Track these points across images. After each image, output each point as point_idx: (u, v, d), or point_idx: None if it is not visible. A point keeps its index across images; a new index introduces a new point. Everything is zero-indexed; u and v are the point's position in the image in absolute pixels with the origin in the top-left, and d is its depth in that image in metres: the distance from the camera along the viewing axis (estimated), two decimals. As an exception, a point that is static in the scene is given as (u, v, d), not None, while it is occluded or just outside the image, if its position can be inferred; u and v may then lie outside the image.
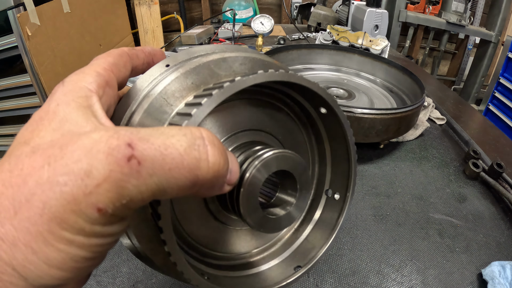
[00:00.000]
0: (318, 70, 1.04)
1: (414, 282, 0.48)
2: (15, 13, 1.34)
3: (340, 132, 0.31)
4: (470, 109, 1.09)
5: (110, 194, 0.14)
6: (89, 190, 0.14)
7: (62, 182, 0.14)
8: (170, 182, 0.16)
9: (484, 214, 0.61)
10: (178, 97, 0.23)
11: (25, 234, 0.14)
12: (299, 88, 0.28)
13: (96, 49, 1.99)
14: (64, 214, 0.14)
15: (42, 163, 0.15)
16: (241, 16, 2.34)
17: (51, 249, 0.15)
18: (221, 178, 0.18)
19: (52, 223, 0.14)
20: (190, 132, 0.17)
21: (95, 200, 0.14)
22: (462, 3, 2.39)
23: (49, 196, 0.14)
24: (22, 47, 1.41)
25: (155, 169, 0.15)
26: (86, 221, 0.15)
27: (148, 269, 0.48)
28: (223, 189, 0.20)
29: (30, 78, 1.49)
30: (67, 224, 0.15)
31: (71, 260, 0.15)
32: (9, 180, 0.15)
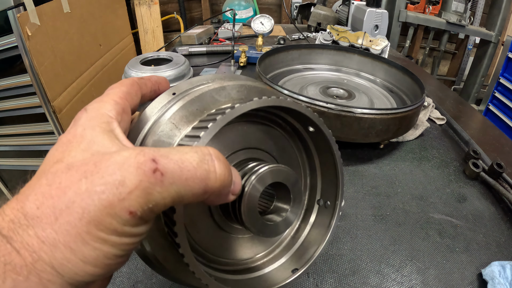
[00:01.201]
0: (318, 70, 1.04)
1: (414, 282, 0.48)
2: (15, 13, 1.34)
3: (327, 147, 0.34)
4: (470, 109, 1.09)
5: (139, 199, 0.18)
6: (123, 196, 0.18)
7: (100, 191, 0.18)
8: (186, 189, 0.19)
9: (484, 214, 0.61)
10: (186, 122, 0.27)
11: (65, 236, 0.17)
12: (290, 111, 0.32)
13: (96, 49, 1.99)
14: (101, 217, 0.17)
15: (79, 177, 0.18)
16: (241, 16, 2.34)
17: (88, 248, 0.18)
18: (226, 188, 0.22)
19: (90, 225, 0.17)
20: (200, 150, 0.21)
21: (128, 204, 0.18)
22: (462, 3, 2.39)
23: (88, 203, 0.17)
24: (22, 47, 1.41)
25: (175, 179, 0.19)
26: (119, 222, 0.18)
27: (148, 269, 0.48)
28: (228, 198, 0.23)
29: (30, 78, 1.48)
30: (103, 225, 0.18)
31: (104, 257, 0.18)
32: (49, 193, 0.18)
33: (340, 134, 0.68)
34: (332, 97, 0.87)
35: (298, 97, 0.68)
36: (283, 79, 0.96)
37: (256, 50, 1.30)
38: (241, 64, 1.22)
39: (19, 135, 1.71)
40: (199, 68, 1.23)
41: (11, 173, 1.86)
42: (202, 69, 1.22)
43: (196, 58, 1.35)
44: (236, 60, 1.24)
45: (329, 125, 0.69)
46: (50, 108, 1.57)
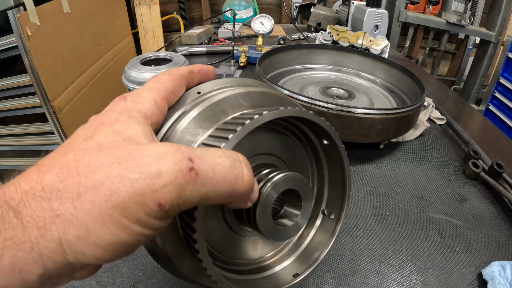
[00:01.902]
0: (318, 70, 1.04)
1: (414, 282, 0.48)
2: (15, 13, 1.34)
3: (338, 160, 0.36)
4: (470, 109, 1.09)
5: (172, 194, 0.18)
6: (156, 188, 0.18)
7: (133, 178, 0.18)
8: (215, 191, 0.20)
9: (484, 214, 0.61)
10: (210, 122, 0.28)
11: (85, 214, 0.17)
12: (309, 122, 0.33)
13: (96, 49, 1.99)
14: (129, 203, 0.17)
15: (112, 161, 0.18)
16: (241, 16, 2.34)
17: (105, 231, 0.17)
18: (249, 194, 0.23)
19: (115, 209, 0.17)
20: (231, 155, 0.21)
21: (159, 196, 0.18)
22: (462, 3, 2.39)
23: (118, 187, 0.17)
24: (22, 47, 1.41)
25: (207, 180, 0.19)
26: (145, 212, 0.18)
27: (148, 269, 0.48)
28: (247, 204, 0.24)
29: (30, 78, 1.48)
30: (129, 212, 0.18)
31: (118, 244, 0.18)
32: (76, 169, 0.18)
33: (340, 134, 0.68)
34: (332, 97, 0.87)
35: (298, 97, 0.68)
36: (283, 79, 0.96)
37: (256, 50, 1.30)
38: (241, 64, 1.22)
39: (19, 135, 1.71)
40: (199, 68, 1.23)
41: (11, 173, 1.86)
42: (202, 69, 1.22)
43: (196, 58, 1.35)
44: (236, 60, 1.24)
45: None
46: (50, 108, 1.57)
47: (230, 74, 1.15)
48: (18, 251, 0.16)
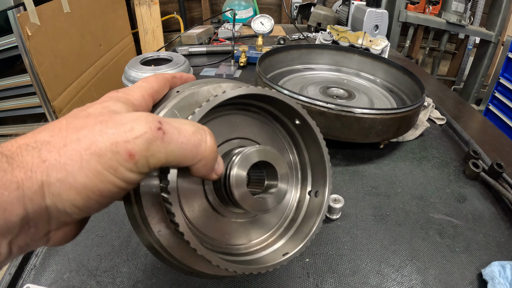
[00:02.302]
0: (318, 70, 1.04)
1: (414, 282, 0.48)
2: (15, 13, 1.34)
3: (313, 138, 0.38)
4: (470, 109, 1.09)
5: (141, 145, 0.21)
6: (128, 139, 0.21)
7: (110, 132, 0.21)
8: (180, 151, 0.23)
9: (484, 214, 0.61)
10: (185, 111, 0.31)
11: (67, 159, 0.20)
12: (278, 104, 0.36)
13: (96, 49, 1.99)
14: (105, 151, 0.20)
15: (95, 122, 0.22)
16: (241, 16, 2.34)
17: (81, 174, 0.20)
18: (213, 160, 0.26)
19: (92, 156, 0.20)
20: (196, 124, 0.25)
21: (130, 147, 0.21)
22: (462, 3, 2.39)
23: (97, 139, 0.21)
24: (22, 47, 1.41)
25: (173, 139, 0.22)
26: (118, 161, 0.21)
27: (148, 269, 0.48)
28: (212, 175, 0.27)
29: (30, 78, 1.49)
30: (103, 159, 0.20)
31: (90, 189, 0.20)
32: (65, 128, 0.21)
33: (340, 134, 0.68)
34: (332, 97, 0.87)
35: (298, 97, 0.68)
36: (283, 79, 0.96)
37: (256, 50, 1.30)
38: (241, 64, 1.22)
39: (20, 135, 1.71)
40: (199, 68, 1.23)
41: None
42: (202, 69, 1.22)
43: (196, 58, 1.35)
44: (236, 60, 1.24)
45: (329, 125, 0.70)
46: (50, 108, 1.57)
47: (230, 74, 1.15)
48: (4, 190, 0.19)
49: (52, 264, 0.49)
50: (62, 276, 0.47)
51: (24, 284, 0.46)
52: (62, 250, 0.51)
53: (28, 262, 0.49)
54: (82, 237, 0.53)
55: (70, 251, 0.51)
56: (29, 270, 0.48)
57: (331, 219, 0.57)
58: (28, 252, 0.48)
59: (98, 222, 0.56)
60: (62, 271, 0.48)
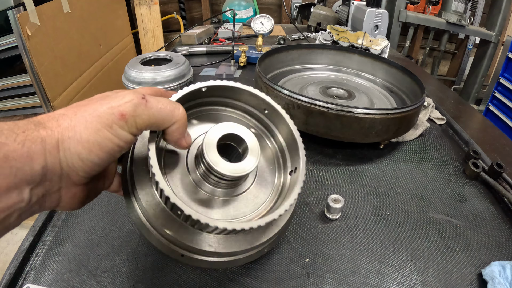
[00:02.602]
0: (318, 70, 1.04)
1: (414, 282, 0.48)
2: (15, 13, 1.34)
3: (282, 120, 0.43)
4: (470, 109, 1.09)
5: (130, 108, 0.29)
6: (120, 104, 0.29)
7: (108, 102, 0.29)
8: (159, 113, 0.31)
9: (484, 214, 0.61)
10: None
11: (76, 122, 0.28)
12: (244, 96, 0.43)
13: (96, 49, 1.99)
14: (104, 114, 0.28)
15: (97, 99, 0.30)
16: (241, 16, 2.34)
17: (86, 132, 0.27)
18: (184, 125, 0.33)
19: (94, 118, 0.28)
20: (172, 101, 0.33)
21: (122, 109, 0.28)
22: (462, 3, 2.39)
23: (98, 107, 0.28)
24: (22, 47, 1.41)
25: (153, 106, 0.30)
26: (113, 120, 0.28)
27: (148, 269, 0.48)
28: (183, 141, 0.34)
29: (30, 78, 1.48)
30: (102, 120, 0.28)
31: (92, 143, 0.27)
32: (76, 105, 0.30)
33: (340, 134, 0.69)
34: (332, 97, 0.87)
35: (298, 97, 0.68)
36: (283, 79, 0.96)
37: (256, 50, 1.30)
38: (241, 64, 1.22)
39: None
40: (199, 68, 1.23)
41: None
42: (202, 69, 1.22)
43: (196, 58, 1.35)
44: (236, 60, 1.24)
45: (329, 125, 0.70)
46: (50, 108, 1.57)
47: (230, 74, 1.15)
48: (32, 143, 0.25)
49: (52, 264, 0.49)
50: (62, 276, 0.47)
51: (24, 284, 0.46)
52: (62, 250, 0.51)
53: (28, 262, 0.49)
54: (82, 237, 0.53)
55: (70, 251, 0.51)
56: (29, 270, 0.48)
57: (331, 219, 0.57)
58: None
59: (98, 222, 0.56)
60: (62, 271, 0.48)
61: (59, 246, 0.52)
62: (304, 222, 0.57)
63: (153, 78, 0.98)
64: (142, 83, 0.98)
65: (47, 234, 0.54)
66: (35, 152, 0.25)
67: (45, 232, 0.54)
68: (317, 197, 0.62)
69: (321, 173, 0.69)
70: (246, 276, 0.48)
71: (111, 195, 0.61)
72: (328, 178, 0.67)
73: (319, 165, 0.71)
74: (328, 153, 0.75)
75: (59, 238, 0.53)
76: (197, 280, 0.47)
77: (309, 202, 0.61)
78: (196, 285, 0.46)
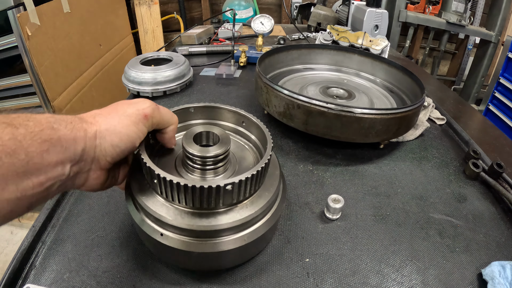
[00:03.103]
0: (318, 70, 1.04)
1: (414, 282, 0.48)
2: (15, 13, 1.34)
3: (257, 127, 0.51)
4: (470, 109, 1.09)
5: (150, 110, 0.40)
6: (144, 108, 0.40)
7: (134, 106, 0.40)
8: (165, 116, 0.43)
9: (484, 214, 0.61)
10: None
11: (111, 120, 0.37)
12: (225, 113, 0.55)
13: (96, 49, 1.99)
14: (132, 114, 0.39)
15: (123, 105, 0.40)
16: (241, 16, 2.34)
17: (118, 126, 0.37)
18: (176, 129, 0.46)
19: (125, 116, 0.38)
20: (171, 111, 0.46)
21: (145, 111, 0.39)
22: (462, 3, 2.39)
23: (128, 109, 0.39)
24: (22, 47, 1.41)
25: (162, 111, 0.42)
26: (139, 119, 0.39)
27: (149, 270, 0.48)
28: (173, 141, 0.47)
29: (30, 78, 1.48)
30: (131, 118, 0.38)
31: (123, 134, 0.37)
32: (107, 109, 0.39)
33: (340, 134, 0.69)
34: (332, 97, 0.87)
35: (298, 97, 0.68)
36: (283, 79, 0.96)
37: (256, 50, 1.30)
38: (241, 64, 1.22)
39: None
40: (199, 68, 1.23)
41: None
42: (202, 69, 1.22)
43: (196, 58, 1.35)
44: (236, 60, 1.24)
45: (329, 125, 0.69)
46: (50, 108, 1.57)
47: (230, 74, 1.15)
48: (77, 131, 0.34)
49: (52, 264, 0.49)
50: (62, 276, 0.47)
51: (24, 284, 0.46)
52: (62, 250, 0.51)
53: (28, 262, 0.49)
54: (82, 237, 0.53)
55: (70, 251, 0.51)
56: (29, 270, 0.48)
57: (331, 219, 0.57)
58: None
59: (98, 222, 0.56)
60: (62, 271, 0.48)
61: (59, 246, 0.52)
62: (304, 222, 0.57)
63: (153, 78, 0.98)
64: (142, 83, 0.98)
65: (47, 234, 0.54)
66: (79, 138, 0.33)
67: (45, 232, 0.54)
68: (317, 197, 0.62)
69: (321, 173, 0.69)
70: (246, 277, 0.48)
71: (112, 196, 0.61)
72: (328, 178, 0.67)
73: (319, 165, 0.71)
74: (328, 153, 0.75)
75: (59, 238, 0.53)
76: (196, 281, 0.47)
77: (309, 202, 0.61)
78: (196, 285, 0.46)
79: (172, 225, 0.40)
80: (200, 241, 0.40)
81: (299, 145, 0.76)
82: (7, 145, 0.27)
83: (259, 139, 0.52)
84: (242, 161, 0.50)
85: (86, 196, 0.61)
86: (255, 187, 0.42)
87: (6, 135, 0.28)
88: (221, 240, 0.41)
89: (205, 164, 0.44)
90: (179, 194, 0.38)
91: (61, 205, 0.60)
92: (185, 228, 0.40)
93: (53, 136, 0.31)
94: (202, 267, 0.46)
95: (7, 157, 0.27)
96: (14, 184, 0.28)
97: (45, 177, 0.30)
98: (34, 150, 0.29)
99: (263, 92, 0.77)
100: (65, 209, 0.59)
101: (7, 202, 0.28)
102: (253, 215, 0.41)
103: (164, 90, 0.99)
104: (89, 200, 0.60)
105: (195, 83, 1.11)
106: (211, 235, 0.40)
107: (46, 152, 0.30)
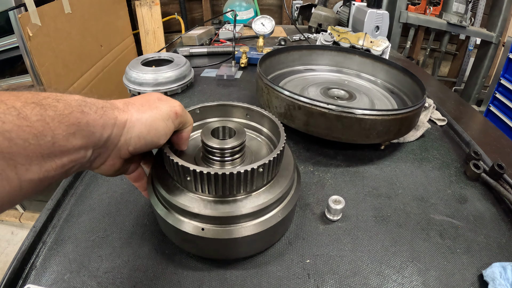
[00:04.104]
0: (319, 71, 1.04)
1: (415, 284, 0.48)
2: (16, 13, 1.34)
3: (266, 118, 0.55)
4: (471, 110, 1.09)
5: (180, 109, 0.41)
6: (175, 106, 0.41)
7: (165, 103, 0.41)
8: (187, 117, 0.43)
9: (485, 215, 0.61)
10: None
11: (143, 112, 0.38)
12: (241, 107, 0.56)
13: (97, 50, 1.99)
14: (165, 111, 0.39)
15: (154, 98, 0.41)
16: (242, 17, 2.34)
17: (148, 119, 0.38)
18: (191, 130, 0.46)
19: (157, 111, 0.39)
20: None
21: (176, 110, 0.41)
22: (463, 4, 2.39)
23: (161, 106, 0.40)
24: (23, 47, 1.41)
25: (186, 113, 0.43)
26: (169, 115, 0.40)
27: (149, 270, 0.48)
28: (186, 142, 0.46)
29: (31, 78, 1.49)
30: (163, 114, 0.39)
31: (151, 127, 0.38)
32: (139, 98, 0.40)
33: (341, 135, 0.68)
34: (333, 98, 0.87)
35: (299, 98, 0.68)
36: (284, 80, 0.96)
37: (257, 51, 1.30)
38: (242, 65, 1.22)
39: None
40: (200, 69, 1.23)
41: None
42: (203, 70, 1.23)
43: (197, 59, 1.35)
44: (237, 61, 1.24)
45: (330, 126, 0.69)
46: (51, 108, 1.57)
47: (231, 75, 1.15)
48: (108, 118, 0.34)
49: (52, 265, 0.49)
50: (63, 277, 0.47)
51: (25, 284, 0.46)
52: (62, 250, 0.51)
53: (28, 262, 0.49)
54: (83, 238, 0.53)
55: (71, 251, 0.51)
56: (30, 270, 0.48)
57: (332, 220, 0.57)
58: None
59: (99, 223, 0.56)
60: (62, 272, 0.48)
61: (60, 247, 0.52)
62: (305, 223, 0.57)
63: (154, 79, 0.98)
64: (143, 84, 0.98)
65: (47, 234, 0.54)
66: (108, 124, 0.34)
67: (45, 233, 0.54)
68: (318, 198, 0.62)
69: (322, 174, 0.69)
70: (246, 277, 0.48)
71: (112, 196, 0.61)
72: (329, 179, 0.67)
73: (320, 166, 0.71)
74: (329, 154, 0.75)
75: (59, 238, 0.53)
76: (197, 281, 0.47)
77: (310, 203, 0.61)
78: (196, 286, 0.46)
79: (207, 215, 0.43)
80: (223, 227, 0.44)
81: (300, 146, 0.76)
82: (35, 126, 0.27)
83: (271, 131, 0.55)
84: (256, 153, 0.53)
85: (87, 197, 0.61)
86: (274, 171, 0.46)
87: (34, 116, 0.27)
88: (243, 225, 0.44)
89: (224, 156, 0.47)
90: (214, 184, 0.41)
91: (62, 206, 0.60)
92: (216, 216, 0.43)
93: (82, 120, 0.31)
94: (229, 255, 0.49)
95: (34, 139, 0.27)
96: (38, 165, 0.28)
97: (67, 159, 0.31)
98: (61, 133, 0.29)
99: (264, 93, 0.77)
100: (65, 209, 0.59)
101: (30, 182, 0.28)
102: (272, 200, 0.45)
103: (165, 91, 1.00)
104: (90, 201, 0.60)
105: (196, 84, 1.11)
106: (232, 221, 0.44)
107: (72, 135, 0.30)
